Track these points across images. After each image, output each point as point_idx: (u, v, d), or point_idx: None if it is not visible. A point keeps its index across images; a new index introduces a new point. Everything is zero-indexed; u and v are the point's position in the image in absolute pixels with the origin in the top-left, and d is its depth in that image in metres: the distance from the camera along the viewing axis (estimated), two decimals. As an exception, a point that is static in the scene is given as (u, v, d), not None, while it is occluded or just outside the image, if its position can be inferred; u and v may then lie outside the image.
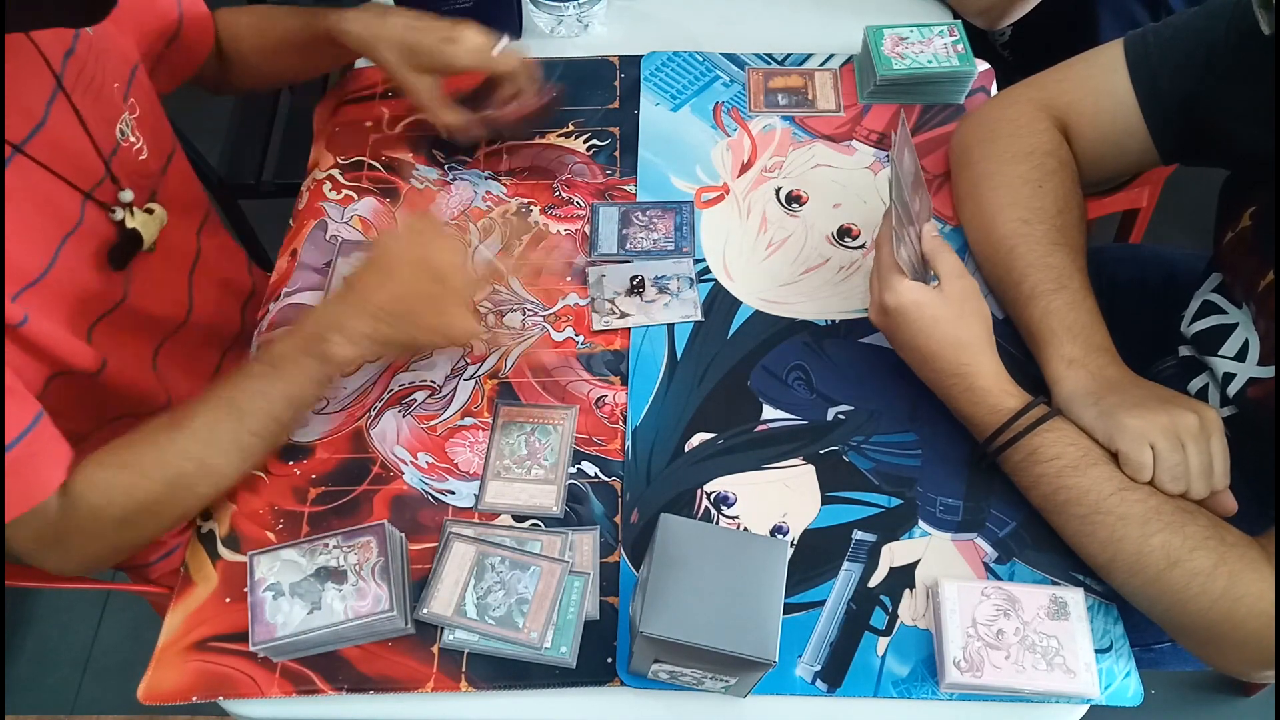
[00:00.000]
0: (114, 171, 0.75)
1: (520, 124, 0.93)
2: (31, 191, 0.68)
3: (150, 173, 0.82)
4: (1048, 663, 0.65)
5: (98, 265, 0.75)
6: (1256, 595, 0.61)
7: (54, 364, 0.71)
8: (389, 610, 0.65)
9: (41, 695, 1.44)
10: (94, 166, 0.74)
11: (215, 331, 0.94)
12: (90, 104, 0.73)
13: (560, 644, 0.67)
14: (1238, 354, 0.77)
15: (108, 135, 0.76)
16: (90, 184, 0.74)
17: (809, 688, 0.67)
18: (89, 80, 0.74)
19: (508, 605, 0.68)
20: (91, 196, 0.73)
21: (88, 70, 0.74)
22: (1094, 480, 0.66)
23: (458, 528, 0.72)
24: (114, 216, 0.76)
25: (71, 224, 0.72)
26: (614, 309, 0.85)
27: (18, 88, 0.68)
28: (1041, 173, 0.79)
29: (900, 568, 0.72)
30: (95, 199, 0.74)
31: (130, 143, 0.79)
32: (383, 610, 0.65)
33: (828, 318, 0.85)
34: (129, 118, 0.79)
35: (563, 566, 0.69)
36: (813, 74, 1.02)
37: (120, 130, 0.77)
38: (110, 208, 0.76)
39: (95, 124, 0.74)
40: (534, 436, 0.78)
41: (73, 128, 0.72)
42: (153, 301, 0.82)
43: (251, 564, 0.68)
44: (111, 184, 0.76)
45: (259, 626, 0.65)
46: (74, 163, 0.72)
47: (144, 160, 0.80)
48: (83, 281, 0.73)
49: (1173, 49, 0.77)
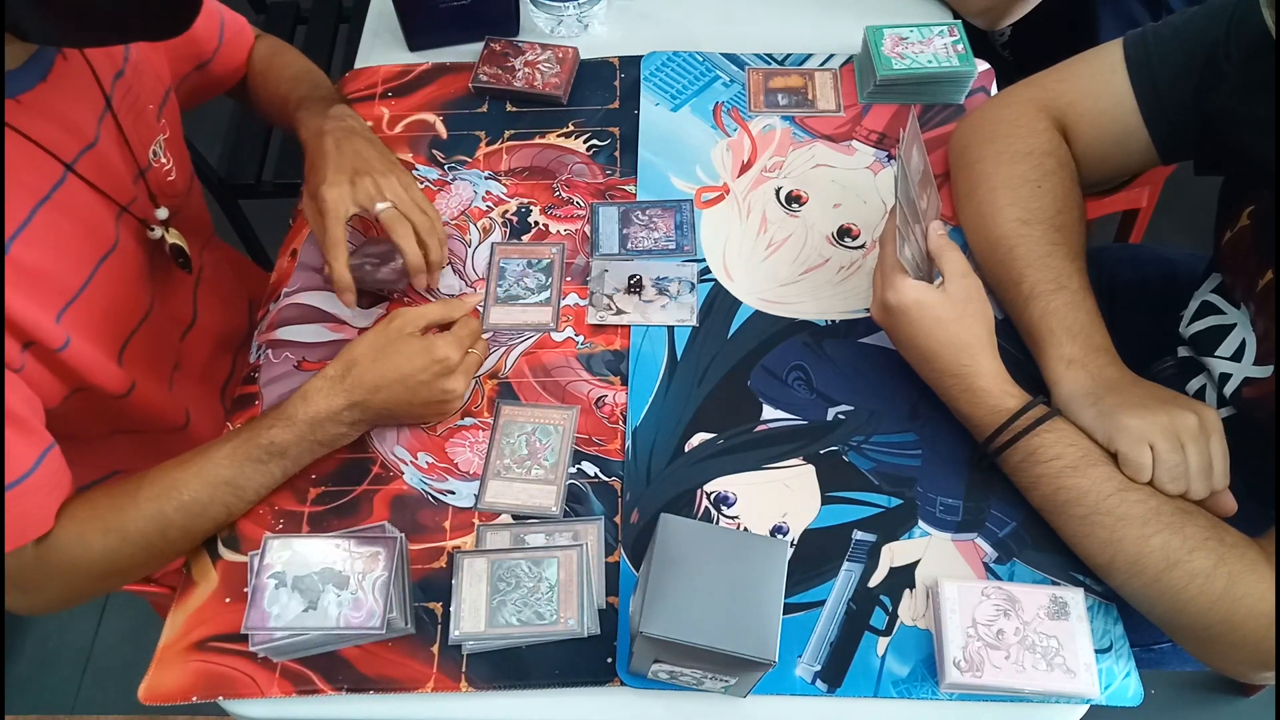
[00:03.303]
0: (151, 189, 0.77)
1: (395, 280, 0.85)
2: (78, 210, 0.70)
3: (178, 192, 0.83)
4: (1048, 663, 0.65)
5: (131, 281, 0.76)
6: (1256, 596, 0.61)
7: (81, 384, 0.72)
8: (378, 629, 0.65)
9: (41, 695, 1.44)
10: (132, 186, 0.75)
11: (222, 342, 0.95)
12: (132, 124, 0.75)
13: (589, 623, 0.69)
14: (1234, 354, 0.77)
15: (143, 155, 0.77)
16: (126, 199, 0.75)
17: (809, 688, 0.67)
18: (133, 100, 0.75)
19: (535, 602, 0.68)
20: (128, 210, 0.75)
21: (133, 91, 0.75)
22: (1094, 481, 0.66)
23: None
24: (153, 235, 0.78)
25: (110, 242, 0.73)
26: (611, 305, 0.85)
27: (74, 108, 0.69)
28: (1040, 173, 0.79)
29: (900, 568, 0.72)
30: (131, 212, 0.75)
31: (161, 163, 0.80)
32: (372, 627, 0.65)
33: (828, 318, 0.85)
34: (161, 139, 0.80)
35: (579, 550, 0.70)
36: (813, 74, 1.02)
37: (154, 151, 0.78)
38: (149, 225, 0.77)
39: (135, 144, 0.75)
40: (534, 436, 0.78)
41: (118, 147, 0.73)
42: (169, 320, 0.84)
43: (265, 546, 0.68)
44: (149, 201, 0.77)
45: (254, 611, 0.65)
46: (116, 182, 0.73)
47: (172, 180, 0.82)
48: (116, 297, 0.74)
49: (1172, 49, 0.77)
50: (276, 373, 0.82)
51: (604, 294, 0.86)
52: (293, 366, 0.83)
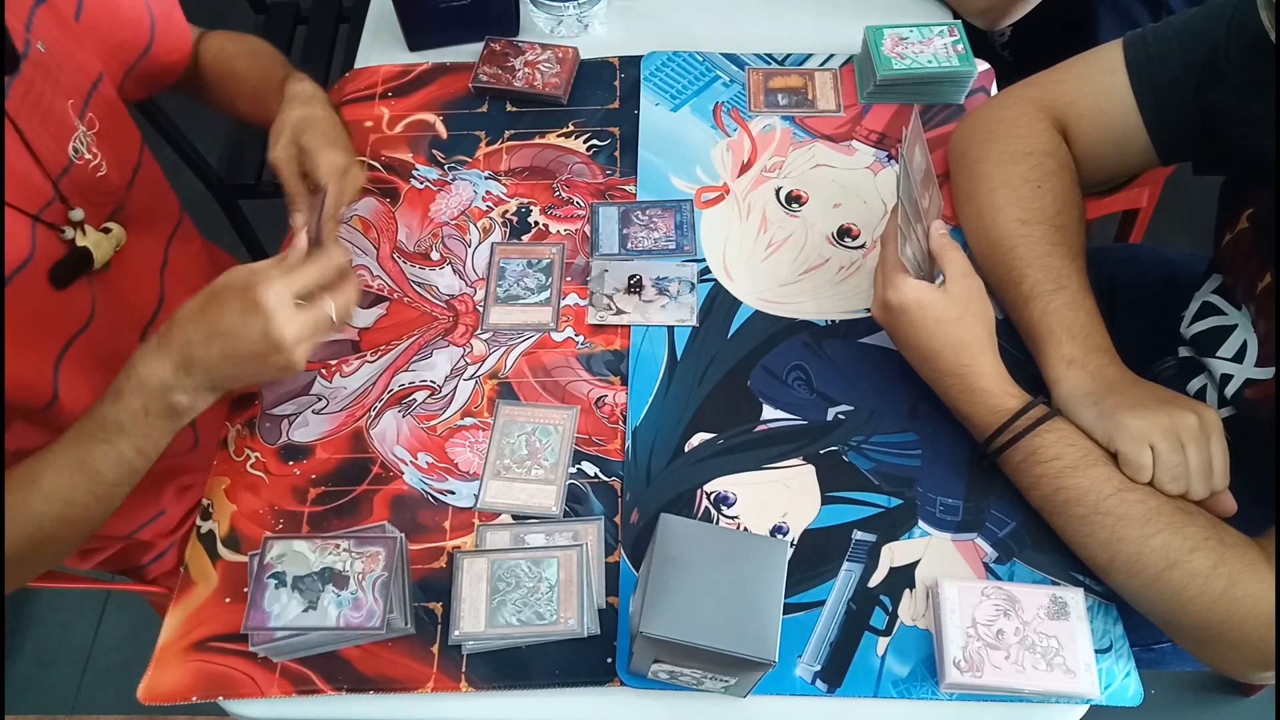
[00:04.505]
0: (63, 191, 0.73)
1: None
2: None
3: (113, 188, 0.80)
4: (1048, 663, 0.65)
5: (53, 289, 0.73)
6: (1256, 596, 0.61)
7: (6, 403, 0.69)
8: (378, 629, 0.65)
9: (41, 695, 1.44)
10: (41, 188, 0.72)
11: None
12: (38, 124, 0.71)
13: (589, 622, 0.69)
14: (1235, 355, 0.77)
15: (58, 154, 0.73)
16: (38, 206, 0.71)
17: (809, 688, 0.67)
18: (36, 100, 0.71)
19: (535, 602, 0.68)
20: (40, 219, 0.71)
21: (35, 89, 0.71)
22: (1093, 481, 0.66)
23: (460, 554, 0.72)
24: (64, 236, 0.74)
25: (24, 253, 0.69)
26: (611, 305, 0.85)
27: None
28: (1040, 173, 0.79)
29: (900, 568, 0.72)
30: (44, 220, 0.72)
31: (86, 160, 0.76)
32: (372, 627, 0.65)
33: (828, 318, 0.85)
34: (86, 134, 0.76)
35: (579, 550, 0.70)
36: (813, 74, 1.02)
37: (74, 148, 0.75)
38: (60, 228, 0.73)
39: (43, 144, 0.72)
40: (534, 436, 0.78)
41: (16, 149, 0.70)
42: (122, 322, 0.81)
43: (264, 546, 0.68)
44: (61, 204, 0.74)
45: (254, 612, 0.65)
46: (21, 187, 0.70)
47: (104, 176, 0.78)
48: (40, 308, 0.71)
49: (1172, 49, 0.77)
50: (276, 373, 0.82)
51: (604, 294, 0.86)
52: (292, 366, 0.83)
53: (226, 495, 0.76)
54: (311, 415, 0.80)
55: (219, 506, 0.75)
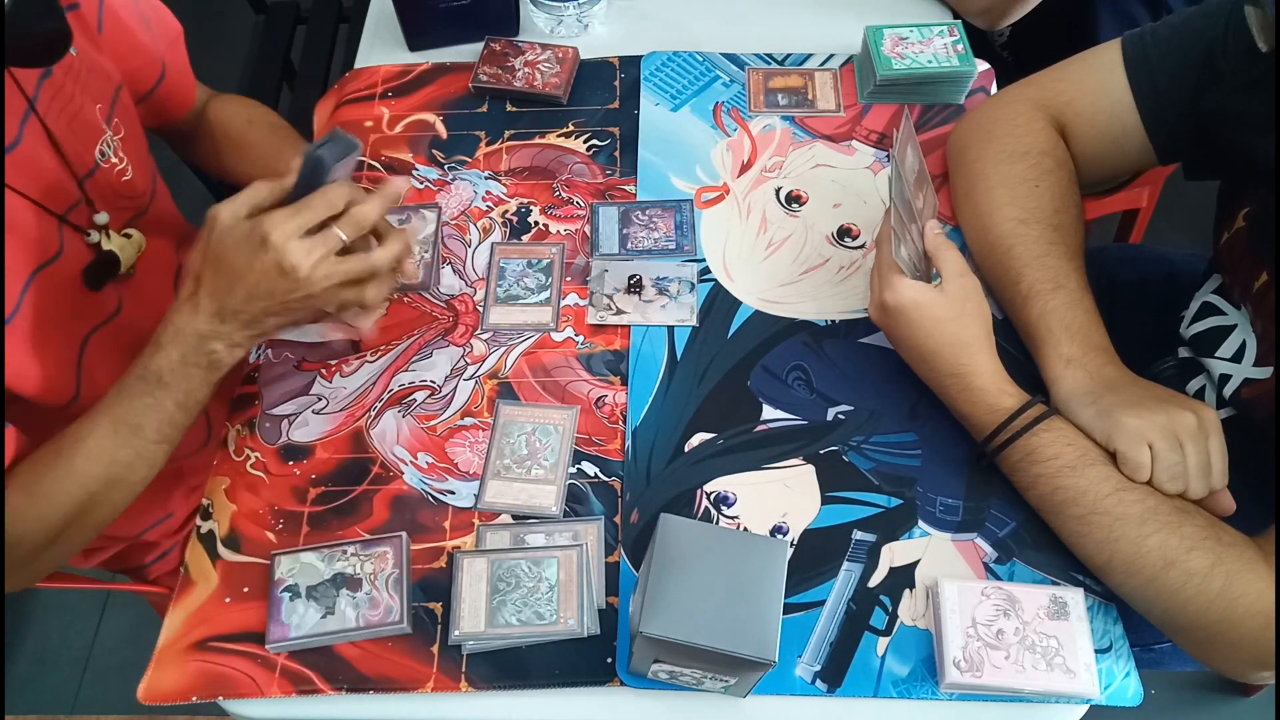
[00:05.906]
0: (89, 194, 0.74)
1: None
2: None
3: (137, 193, 0.81)
4: (1048, 663, 0.65)
5: (79, 288, 0.74)
6: (1254, 595, 0.61)
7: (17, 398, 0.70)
8: (399, 622, 0.66)
9: (41, 695, 1.44)
10: (68, 189, 0.73)
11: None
12: (66, 126, 0.72)
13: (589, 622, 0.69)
14: (1234, 355, 0.77)
15: (85, 156, 0.74)
16: (64, 207, 0.72)
17: (809, 688, 0.67)
18: (65, 102, 0.72)
19: (535, 602, 0.68)
20: (66, 220, 0.72)
21: (65, 92, 0.72)
22: (1091, 480, 0.66)
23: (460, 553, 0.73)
24: (89, 240, 0.75)
25: (52, 250, 0.70)
26: (610, 305, 0.85)
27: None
28: (1038, 172, 0.79)
29: (900, 568, 0.72)
30: (70, 222, 0.73)
31: (112, 164, 0.77)
32: (393, 621, 0.66)
33: (828, 318, 0.85)
34: (113, 138, 0.78)
35: (579, 550, 0.70)
36: (813, 74, 1.02)
37: (101, 151, 0.76)
38: (85, 231, 0.74)
39: (72, 146, 0.73)
40: (534, 436, 0.78)
41: (45, 149, 0.71)
42: (146, 326, 0.80)
43: (273, 564, 0.69)
44: (86, 206, 0.75)
45: (274, 626, 0.67)
46: (48, 186, 0.70)
47: (129, 181, 0.79)
48: (65, 304, 0.72)
49: (1171, 49, 0.77)
50: (276, 373, 0.83)
51: (604, 294, 0.86)
52: (293, 366, 0.83)
53: (226, 495, 0.76)
54: (311, 415, 0.80)
55: (219, 506, 0.75)
